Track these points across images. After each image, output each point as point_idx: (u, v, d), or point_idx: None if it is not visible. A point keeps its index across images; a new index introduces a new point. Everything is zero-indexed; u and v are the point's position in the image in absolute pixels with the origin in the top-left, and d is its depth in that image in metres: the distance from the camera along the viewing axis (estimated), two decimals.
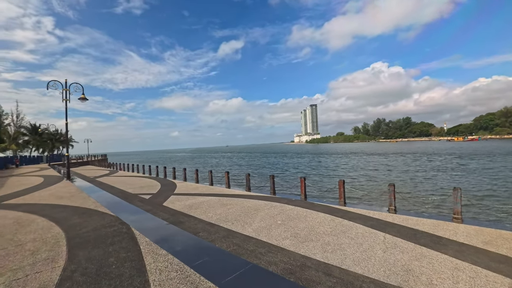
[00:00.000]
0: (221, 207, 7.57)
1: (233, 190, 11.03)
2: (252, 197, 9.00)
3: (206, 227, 5.69)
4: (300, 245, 4.52)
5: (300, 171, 30.91)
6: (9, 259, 4.09)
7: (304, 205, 7.47)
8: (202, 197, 9.41)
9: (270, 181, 11.44)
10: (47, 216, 6.75)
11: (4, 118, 58.39)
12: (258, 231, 5.31)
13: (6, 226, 5.96)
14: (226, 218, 6.41)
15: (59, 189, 11.61)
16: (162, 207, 7.94)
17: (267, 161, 51.80)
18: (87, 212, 7.03)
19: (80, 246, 4.49)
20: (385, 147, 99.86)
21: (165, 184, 13.48)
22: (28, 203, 8.67)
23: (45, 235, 5.17)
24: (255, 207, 7.41)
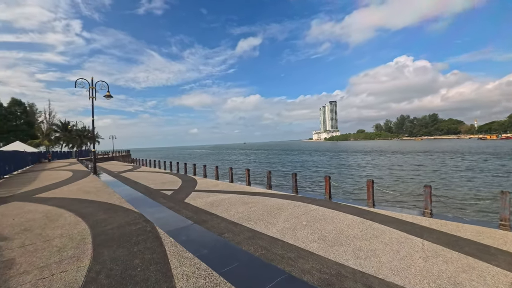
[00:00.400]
0: (242, 206, 7.36)
1: (254, 188, 10.79)
2: (274, 196, 8.73)
3: (229, 226, 5.47)
4: (330, 249, 4.20)
5: (321, 170, 30.07)
6: (36, 255, 4.04)
7: (330, 206, 7.11)
8: (223, 194, 9.28)
9: (292, 180, 11.00)
10: (75, 211, 6.82)
11: (38, 116, 62.62)
12: (283, 232, 5.04)
13: (36, 220, 6.06)
14: (248, 217, 6.19)
15: (86, 184, 11.95)
16: (184, 204, 7.87)
17: (285, 159, 51.15)
18: (112, 208, 7.03)
19: (105, 244, 4.37)
20: (410, 145, 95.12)
21: (186, 181, 13.53)
22: (58, 197, 8.92)
23: (72, 231, 5.14)
24: (277, 206, 7.15)
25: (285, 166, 36.48)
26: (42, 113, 62.12)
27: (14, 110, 57.41)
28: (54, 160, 38.76)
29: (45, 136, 50.23)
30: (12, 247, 4.41)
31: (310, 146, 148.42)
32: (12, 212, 7.03)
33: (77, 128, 58.02)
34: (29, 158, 29.05)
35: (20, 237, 4.93)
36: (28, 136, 53.73)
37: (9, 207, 7.70)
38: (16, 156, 22.40)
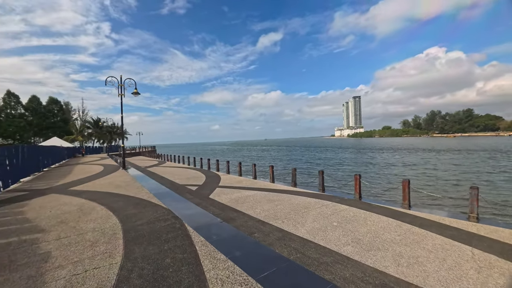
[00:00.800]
0: (268, 203, 7.14)
1: (278, 185, 10.56)
2: (299, 194, 8.45)
3: (258, 225, 5.26)
4: (366, 254, 3.88)
5: (347, 168, 28.94)
6: (71, 249, 4.04)
7: (360, 206, 6.71)
8: (247, 191, 9.16)
9: (319, 177, 10.56)
10: (106, 205, 6.95)
11: (73, 114, 66.96)
12: (313, 233, 4.79)
13: (71, 213, 6.22)
14: (275, 215, 5.97)
15: (116, 178, 12.36)
16: (209, 200, 7.81)
17: (308, 156, 50.07)
18: (141, 202, 7.07)
19: (136, 241, 4.29)
20: (441, 142, 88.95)
21: (210, 176, 13.58)
22: (90, 191, 9.24)
23: (104, 225, 5.16)
24: (304, 205, 6.85)
25: (308, 163, 35.63)
26: (76, 111, 66.50)
27: (52, 108, 61.89)
28: (87, 155, 41.20)
29: (79, 132, 53.61)
30: (48, 240, 4.49)
31: (333, 142, 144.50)
32: (49, 204, 7.34)
33: (107, 125, 61.33)
34: (65, 152, 31.06)
35: (56, 229, 5.04)
36: (64, 132, 57.71)
37: (47, 199, 8.07)
38: (54, 151, 23.99)
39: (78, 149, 42.37)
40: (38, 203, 7.43)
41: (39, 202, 7.58)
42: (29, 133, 55.91)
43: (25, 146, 14.04)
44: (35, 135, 58.07)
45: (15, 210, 6.72)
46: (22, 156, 12.89)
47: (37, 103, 59.62)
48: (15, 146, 12.78)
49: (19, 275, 3.27)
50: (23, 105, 57.32)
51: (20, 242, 4.40)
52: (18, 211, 6.60)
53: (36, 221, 5.62)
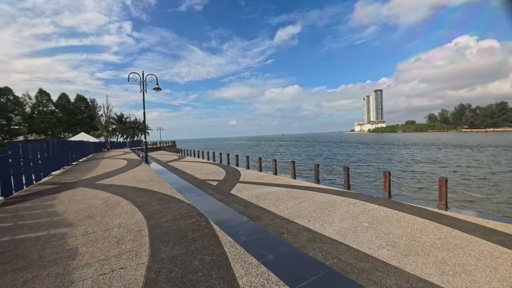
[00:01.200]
0: (291, 200, 6.85)
1: (300, 182, 10.19)
2: (323, 191, 8.07)
3: (284, 224, 4.97)
4: (405, 259, 3.50)
5: (370, 164, 27.76)
6: (97, 245, 3.95)
7: (391, 205, 6.23)
8: (268, 187, 8.91)
9: (344, 174, 10.02)
10: (130, 199, 6.94)
11: (98, 110, 70.05)
12: (342, 234, 4.45)
13: (97, 207, 6.25)
14: (300, 213, 5.68)
15: (139, 172, 12.55)
16: (231, 196, 7.64)
17: (328, 151, 48.81)
18: (164, 198, 7.00)
19: (162, 239, 4.12)
20: (473, 138, 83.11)
21: (230, 171, 13.46)
22: (115, 184, 9.38)
23: (129, 221, 5.08)
24: (330, 203, 6.49)
25: (328, 159, 34.65)
26: (101, 107, 69.52)
27: (79, 105, 65.20)
28: (112, 150, 42.94)
29: (104, 127, 55.98)
30: (76, 235, 4.46)
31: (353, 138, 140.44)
32: (77, 197, 7.48)
33: (130, 121, 63.53)
34: (91, 147, 32.50)
35: (83, 224, 5.02)
36: (91, 128, 60.60)
37: (75, 192, 8.27)
38: (82, 146, 25.11)
39: (104, 144, 44.24)
40: (67, 197, 7.61)
41: (68, 196, 7.77)
42: (59, 128, 59.35)
43: (55, 141, 14.66)
44: (65, 130, 61.55)
45: (45, 203, 6.89)
46: (53, 150, 13.46)
47: (66, 100, 63.03)
48: (46, 142, 13.35)
49: (47, 272, 3.19)
50: (54, 102, 60.80)
51: (49, 237, 4.40)
52: (48, 204, 6.76)
53: (64, 215, 5.68)
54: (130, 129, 61.62)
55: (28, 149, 9.94)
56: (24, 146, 9.69)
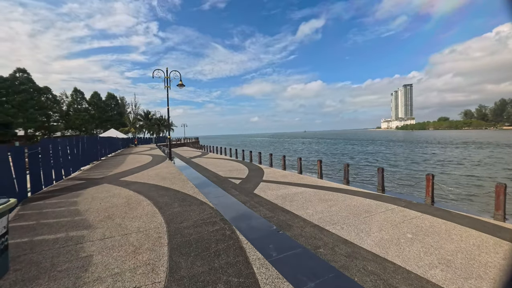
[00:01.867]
0: (320, 203, 6.31)
1: (327, 182, 9.52)
2: (354, 193, 7.42)
3: (316, 233, 4.40)
4: (465, 283, 2.87)
5: (403, 164, 25.81)
6: (113, 254, 3.58)
7: (436, 213, 5.44)
8: (294, 187, 8.36)
9: (378, 176, 9.08)
10: (152, 199, 6.65)
11: (127, 107, 73.30)
12: (384, 247, 3.86)
13: (118, 207, 6.01)
14: (331, 219, 5.15)
15: (162, 169, 12.47)
16: (255, 196, 7.18)
17: (355, 150, 46.58)
18: (186, 198, 6.61)
19: (182, 251, 3.64)
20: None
21: (252, 169, 13.02)
22: (139, 182, 9.26)
23: (149, 225, 4.70)
24: (364, 208, 5.89)
25: (357, 158, 32.85)
26: (130, 105, 72.70)
27: (110, 103, 68.61)
28: (139, 145, 44.59)
29: (132, 124, 58.41)
30: (93, 239, 4.15)
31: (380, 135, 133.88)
32: (101, 195, 7.37)
33: (156, 117, 65.72)
34: (120, 143, 33.84)
35: (102, 226, 4.75)
36: (120, 124, 63.57)
37: (100, 189, 8.22)
38: (110, 141, 26.10)
39: (132, 139, 46.08)
40: (91, 194, 7.54)
41: (92, 192, 7.71)
42: (92, 125, 62.98)
43: (84, 137, 15.13)
44: (97, 127, 65.19)
45: (70, 200, 6.84)
46: (82, 146, 13.86)
47: (98, 98, 66.62)
48: (76, 137, 13.75)
49: (56, 285, 2.85)
50: (87, 100, 64.52)
51: (66, 240, 4.13)
52: (72, 201, 6.69)
53: (85, 214, 5.49)
54: (156, 126, 63.68)
55: (57, 145, 10.17)
56: (53, 142, 9.92)
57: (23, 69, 51.89)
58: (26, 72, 52.06)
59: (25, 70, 52.01)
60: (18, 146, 7.19)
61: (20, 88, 49.76)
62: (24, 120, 49.78)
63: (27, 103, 49.99)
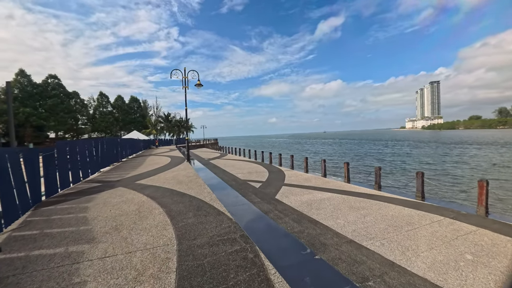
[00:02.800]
0: (351, 211, 5.63)
1: (355, 187, 8.60)
2: (389, 200, 6.54)
3: (356, 254, 3.63)
4: None
5: (438, 167, 23.66)
6: (109, 282, 2.89)
7: (496, 228, 4.48)
8: (319, 192, 7.65)
9: (418, 181, 7.98)
10: (165, 206, 6.02)
11: (149, 110, 75.46)
12: (439, 272, 3.09)
13: (128, 215, 5.43)
14: (367, 232, 4.43)
15: (180, 172, 12.00)
16: (278, 203, 6.48)
17: (380, 151, 44.06)
18: (202, 207, 5.89)
19: (192, 282, 2.86)
20: None
21: (273, 171, 12.25)
22: (154, 185, 8.76)
23: (157, 241, 4.01)
24: (404, 219, 5.09)
25: (385, 160, 30.79)
26: (152, 108, 74.80)
27: (133, 106, 70.97)
28: (159, 146, 45.36)
29: (153, 126, 59.85)
30: (92, 257, 3.53)
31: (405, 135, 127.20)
32: (114, 200, 6.90)
33: (176, 119, 66.94)
34: (141, 144, 34.44)
35: (106, 240, 4.14)
36: (142, 126, 65.47)
37: (113, 193, 7.80)
38: (131, 143, 26.47)
39: (153, 141, 47.04)
40: (103, 198, 7.11)
41: (105, 197, 7.29)
42: (116, 127, 65.42)
43: (104, 139, 15.14)
44: (121, 129, 67.64)
45: (81, 206, 6.42)
46: (102, 148, 13.81)
47: (122, 101, 69.15)
48: (95, 139, 13.71)
49: None
50: (111, 103, 67.17)
51: (64, 257, 3.55)
52: (83, 207, 6.25)
53: (92, 224, 4.96)
54: (176, 127, 64.77)
55: (75, 147, 10.00)
56: (71, 144, 9.76)
57: (54, 75, 55.07)
58: (57, 78, 55.20)
59: (56, 76, 55.17)
60: (31, 149, 6.93)
61: (51, 93, 52.81)
62: (55, 123, 52.73)
63: (58, 107, 52.92)
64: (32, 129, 49.08)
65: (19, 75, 50.38)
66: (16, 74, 50.35)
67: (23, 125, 48.29)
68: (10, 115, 29.52)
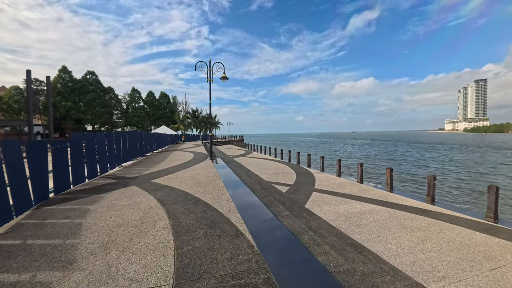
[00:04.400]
0: (403, 232, 4.48)
1: (401, 198, 7.15)
2: (450, 219, 5.21)
3: None
4: None
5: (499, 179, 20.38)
6: None
7: None
8: (357, 202, 6.52)
9: (490, 198, 6.28)
10: (173, 217, 4.91)
11: (178, 106, 77.31)
12: None
13: (127, 227, 4.41)
14: (433, 267, 3.30)
15: (200, 171, 11.07)
16: (309, 215, 5.46)
17: (420, 155, 39.92)
18: (217, 221, 4.66)
19: None
20: None
21: (301, 173, 10.98)
22: (169, 186, 7.83)
23: (147, 279, 2.80)
24: (479, 249, 3.85)
25: (430, 167, 27.36)
26: (181, 104, 76.58)
27: (163, 102, 73.09)
28: (186, 142, 45.81)
29: (181, 121, 61.01)
30: None
31: (446, 138, 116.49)
32: (120, 202, 6.03)
33: (203, 115, 67.68)
34: (168, 139, 34.78)
35: (86, 266, 3.08)
36: (171, 121, 67.15)
37: (124, 193, 6.98)
38: (157, 137, 26.54)
39: (180, 136, 47.71)
40: (110, 200, 6.27)
41: (113, 198, 6.47)
42: (147, 122, 67.90)
43: (126, 133, 14.82)
44: (151, 124, 70.11)
45: (83, 208, 5.61)
46: (124, 142, 13.42)
47: (153, 97, 71.55)
48: (117, 133, 13.35)
49: None
50: (143, 99, 69.79)
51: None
52: (84, 210, 5.43)
53: (83, 236, 4.02)
54: (203, 123, 65.46)
55: (93, 140, 9.50)
56: (88, 137, 9.24)
57: (92, 71, 58.39)
58: (94, 74, 58.47)
59: (93, 72, 58.45)
60: (36, 141, 6.33)
61: (89, 88, 56.06)
62: (92, 116, 55.94)
63: (95, 102, 56.06)
64: (72, 122, 52.58)
65: (62, 71, 54.12)
66: (59, 70, 54.18)
67: (64, 118, 51.92)
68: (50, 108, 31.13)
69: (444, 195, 13.45)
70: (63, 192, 7.25)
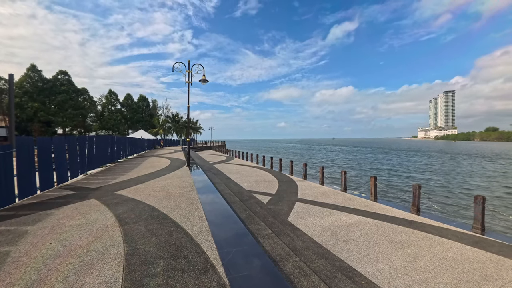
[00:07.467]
0: (393, 249, 4.14)
1: (386, 208, 6.91)
2: (438, 232, 5.00)
3: None
4: None
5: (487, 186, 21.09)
6: None
7: None
8: (343, 213, 6.17)
9: (476, 208, 6.26)
10: (129, 242, 3.98)
11: (158, 110, 74.75)
12: None
13: (67, 257, 3.46)
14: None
15: (174, 180, 10.11)
16: (292, 230, 4.95)
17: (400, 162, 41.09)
18: (183, 248, 3.80)
19: None
20: None
21: (283, 181, 10.50)
22: (134, 200, 6.85)
23: None
24: (473, 266, 3.62)
25: (411, 174, 27.89)
26: (161, 108, 74.08)
27: (141, 105, 70.34)
28: (165, 147, 43.96)
29: (160, 126, 58.77)
30: None
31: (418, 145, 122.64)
32: (69, 222, 5.00)
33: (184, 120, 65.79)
34: (145, 144, 33.02)
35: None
36: (150, 125, 64.56)
37: (78, 209, 5.93)
38: (132, 142, 24.93)
39: (158, 141, 45.74)
40: (57, 218, 5.21)
41: (63, 215, 5.42)
42: (124, 125, 64.79)
43: (93, 137, 13.51)
44: (129, 127, 67.00)
45: (19, 229, 4.55)
46: (90, 147, 12.14)
47: (131, 100, 68.62)
48: (81, 137, 12.04)
49: None
50: (120, 102, 66.69)
51: None
52: (19, 233, 4.38)
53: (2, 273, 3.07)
54: (183, 128, 63.57)
55: (48, 145, 8.29)
56: (41, 140, 8.03)
57: (64, 71, 54.87)
58: (67, 74, 54.96)
59: (66, 72, 54.95)
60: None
61: (60, 89, 52.51)
62: (63, 119, 52.31)
63: (67, 103, 52.54)
64: (40, 124, 48.77)
65: (30, 70, 50.29)
66: (28, 69, 50.28)
67: (31, 120, 48.04)
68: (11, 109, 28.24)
69: (430, 204, 13.47)
70: (3, 207, 6.06)
